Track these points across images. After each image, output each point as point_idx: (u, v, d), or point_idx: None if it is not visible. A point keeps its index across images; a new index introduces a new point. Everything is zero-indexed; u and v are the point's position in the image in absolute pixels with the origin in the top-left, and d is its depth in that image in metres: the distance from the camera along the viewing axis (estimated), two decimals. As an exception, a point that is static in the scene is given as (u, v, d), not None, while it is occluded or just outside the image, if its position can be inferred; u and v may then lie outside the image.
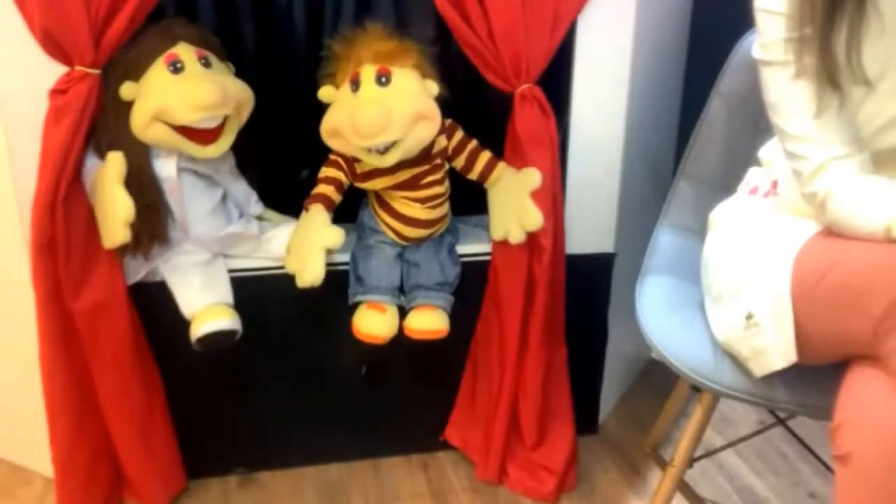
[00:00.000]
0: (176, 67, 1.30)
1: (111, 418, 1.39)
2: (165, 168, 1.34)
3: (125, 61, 1.29)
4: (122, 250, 1.32)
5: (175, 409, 1.48)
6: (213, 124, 1.32)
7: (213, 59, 1.35)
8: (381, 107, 1.28)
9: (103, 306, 1.32)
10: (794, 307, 1.01)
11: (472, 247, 1.51)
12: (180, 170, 1.35)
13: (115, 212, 1.26)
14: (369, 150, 1.32)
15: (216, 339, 1.37)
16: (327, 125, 1.34)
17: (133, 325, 1.37)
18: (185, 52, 1.32)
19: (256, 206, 1.52)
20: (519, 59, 1.34)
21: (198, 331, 1.37)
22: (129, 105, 1.30)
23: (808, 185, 1.04)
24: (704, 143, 1.42)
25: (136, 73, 1.30)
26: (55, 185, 1.24)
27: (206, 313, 1.38)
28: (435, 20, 1.44)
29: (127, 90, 1.29)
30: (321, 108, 1.36)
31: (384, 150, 1.31)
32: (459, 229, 1.55)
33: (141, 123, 1.28)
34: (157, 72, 1.30)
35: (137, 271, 1.38)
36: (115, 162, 1.26)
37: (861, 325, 0.94)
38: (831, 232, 1.03)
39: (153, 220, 1.33)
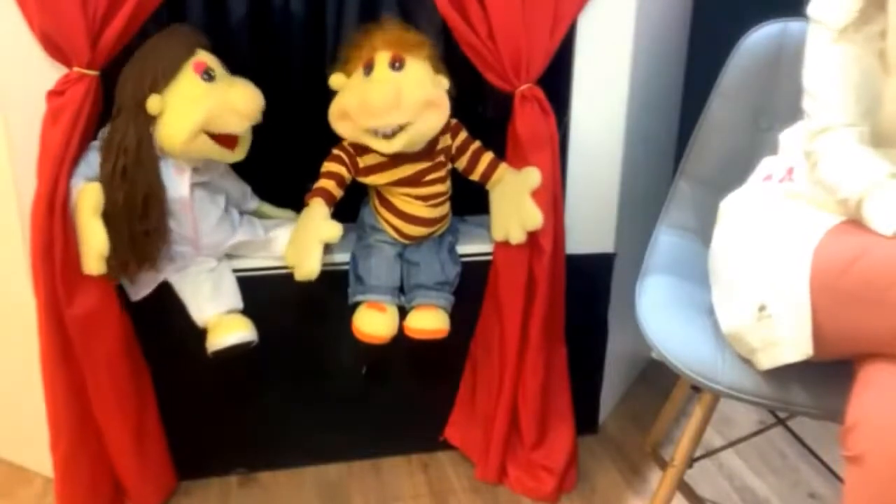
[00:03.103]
0: (210, 76, 1.29)
1: (104, 423, 1.39)
2: (179, 189, 1.32)
3: (150, 73, 1.25)
4: (110, 275, 1.30)
5: (176, 409, 1.48)
6: (246, 131, 1.33)
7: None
8: (392, 87, 1.29)
9: (96, 313, 1.31)
10: (812, 299, 1.00)
11: (472, 247, 1.51)
12: (192, 186, 1.33)
13: (91, 245, 1.25)
14: (375, 133, 1.32)
15: (233, 351, 1.37)
16: (336, 107, 1.34)
17: (126, 331, 1.37)
18: (209, 59, 1.31)
19: (252, 201, 1.52)
20: (519, 59, 1.34)
21: (216, 343, 1.36)
22: (150, 122, 1.27)
23: (808, 143, 1.09)
24: (704, 143, 1.42)
25: (164, 84, 1.26)
26: (53, 188, 1.23)
27: (221, 325, 1.38)
28: (436, 21, 1.44)
29: (156, 104, 1.25)
30: (323, 108, 1.36)
31: (391, 134, 1.32)
32: (459, 229, 1.55)
33: (186, 136, 1.26)
34: (190, 82, 1.27)
35: (146, 286, 1.38)
36: (92, 193, 1.24)
37: (884, 322, 0.93)
38: (852, 223, 1.02)
39: (148, 247, 1.30)
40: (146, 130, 1.27)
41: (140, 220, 1.28)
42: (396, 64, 1.33)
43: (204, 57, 1.31)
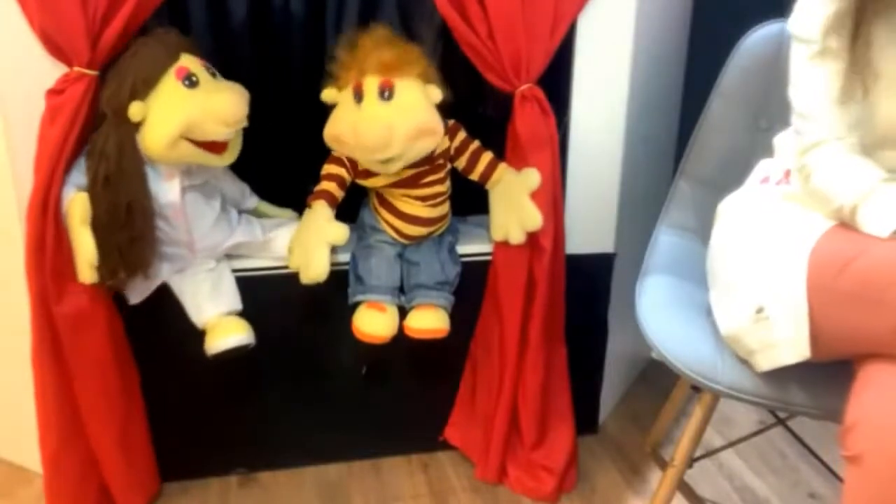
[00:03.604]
0: (192, 81, 1.27)
1: (90, 421, 1.39)
2: (168, 193, 1.31)
3: (131, 80, 1.24)
4: (102, 282, 1.30)
5: (175, 408, 1.48)
6: (233, 136, 1.31)
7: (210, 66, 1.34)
8: (383, 125, 1.29)
9: (85, 312, 1.31)
10: (809, 301, 1.00)
11: (472, 247, 1.51)
12: (182, 190, 1.33)
13: (80, 254, 1.26)
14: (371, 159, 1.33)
15: (232, 353, 1.37)
16: (331, 132, 1.36)
17: (115, 331, 1.37)
18: (192, 63, 1.29)
19: (251, 200, 1.52)
20: (519, 59, 1.34)
21: (214, 346, 1.37)
22: (132, 129, 1.26)
23: (800, 158, 1.11)
24: (704, 143, 1.42)
25: (144, 91, 1.25)
26: (48, 186, 1.23)
27: (219, 327, 1.38)
28: (436, 21, 1.44)
29: (137, 110, 1.24)
30: (322, 108, 1.37)
31: (386, 161, 1.33)
32: (459, 229, 1.55)
33: (165, 143, 1.24)
34: (171, 88, 1.26)
35: (144, 290, 1.38)
36: (80, 204, 1.24)
37: (882, 321, 0.93)
38: (849, 226, 1.03)
39: (136, 255, 1.29)
40: (128, 137, 1.26)
41: (124, 228, 1.27)
42: (386, 93, 1.32)
43: (187, 62, 1.28)
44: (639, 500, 1.53)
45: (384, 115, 1.31)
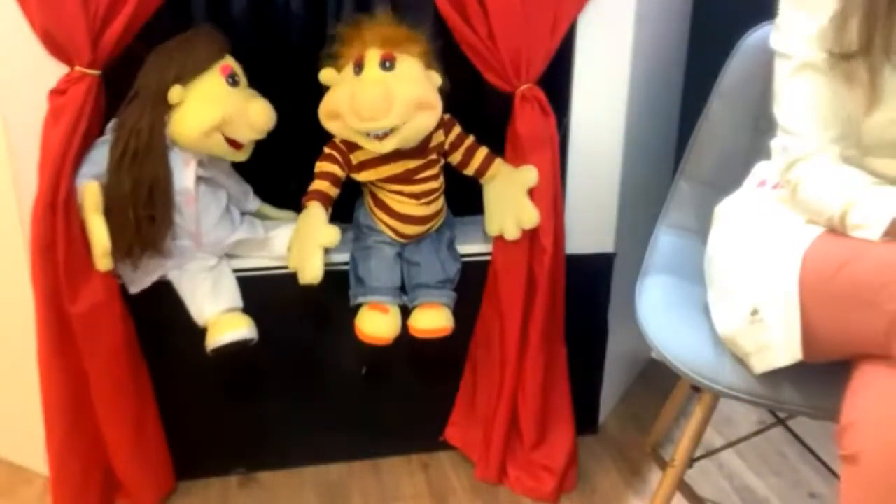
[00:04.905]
0: (234, 81, 1.33)
1: (105, 420, 1.39)
2: (184, 180, 1.33)
3: (178, 65, 1.28)
4: (115, 260, 1.31)
5: (176, 408, 1.48)
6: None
7: None
8: (383, 90, 1.28)
9: (100, 310, 1.32)
10: (803, 303, 1.01)
11: (472, 247, 1.51)
12: (196, 179, 1.35)
13: (94, 243, 1.28)
14: (367, 134, 1.32)
15: (232, 348, 1.37)
16: (327, 106, 1.34)
17: (127, 328, 1.38)
18: (235, 66, 1.35)
19: (254, 202, 1.52)
20: (519, 60, 1.35)
21: (215, 341, 1.37)
22: (165, 111, 1.29)
23: (785, 173, 1.12)
24: (704, 143, 1.42)
25: (188, 77, 1.29)
26: (55, 186, 1.24)
27: (221, 323, 1.38)
28: (435, 20, 1.44)
29: (176, 94, 1.28)
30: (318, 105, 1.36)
31: (382, 136, 1.31)
32: (456, 224, 1.54)
33: (201, 131, 1.29)
34: (215, 82, 1.31)
35: (145, 280, 1.38)
36: (92, 193, 1.26)
37: (875, 322, 0.93)
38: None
39: (152, 234, 1.31)
40: (160, 118, 1.30)
41: (144, 206, 1.29)
42: (387, 63, 1.32)
43: (231, 62, 1.35)
44: (639, 500, 1.53)
45: (384, 81, 1.30)
